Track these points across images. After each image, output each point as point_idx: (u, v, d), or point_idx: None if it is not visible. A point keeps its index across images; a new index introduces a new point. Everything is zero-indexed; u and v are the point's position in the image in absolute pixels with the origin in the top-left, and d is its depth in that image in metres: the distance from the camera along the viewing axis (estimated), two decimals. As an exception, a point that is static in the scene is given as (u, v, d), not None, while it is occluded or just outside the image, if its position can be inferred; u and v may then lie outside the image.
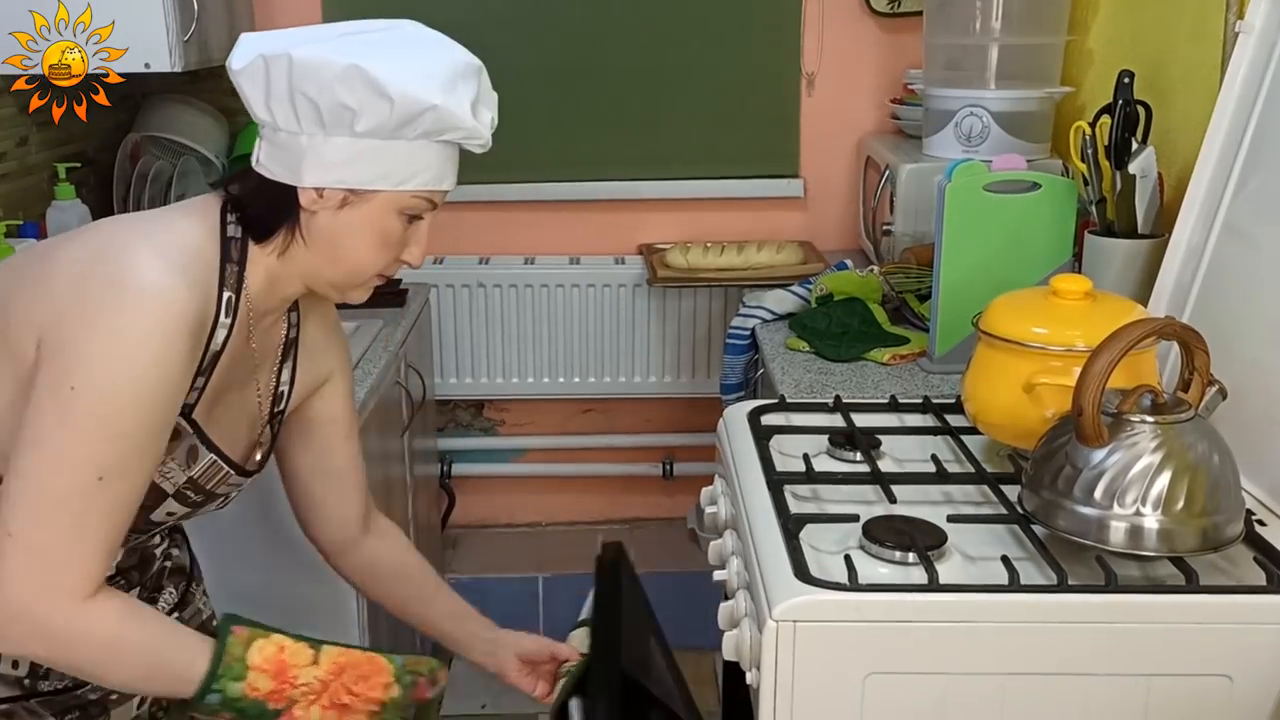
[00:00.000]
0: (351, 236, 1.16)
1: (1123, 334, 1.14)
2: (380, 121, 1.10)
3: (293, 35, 1.15)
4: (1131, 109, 1.67)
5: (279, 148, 1.13)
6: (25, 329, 1.08)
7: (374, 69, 1.08)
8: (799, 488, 1.34)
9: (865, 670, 1.08)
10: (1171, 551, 1.11)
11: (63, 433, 1.04)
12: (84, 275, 1.08)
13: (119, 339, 1.05)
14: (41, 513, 1.05)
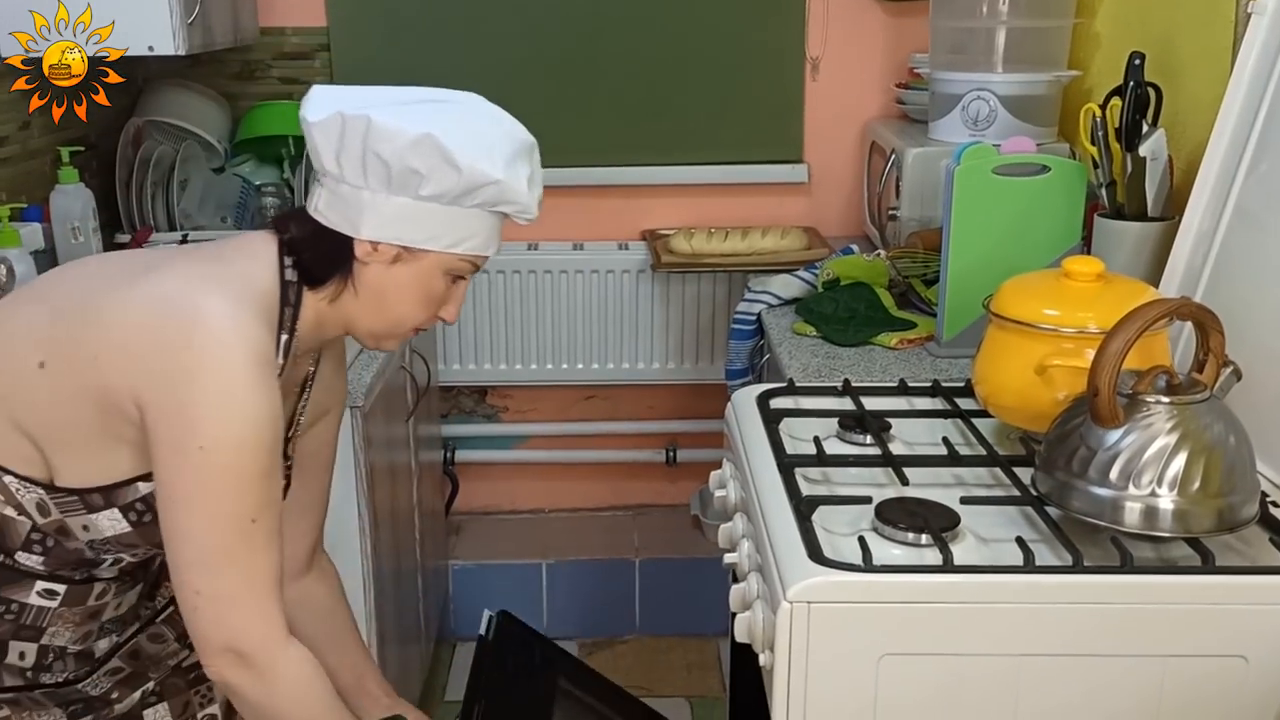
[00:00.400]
0: (399, 291, 1.23)
1: (1139, 314, 1.13)
2: (445, 189, 1.17)
3: (367, 96, 1.20)
4: (1142, 91, 1.66)
5: (339, 199, 1.19)
6: (113, 376, 1.12)
7: (446, 140, 1.15)
8: (810, 470, 1.33)
9: (880, 651, 1.08)
10: (1187, 532, 1.11)
11: (206, 492, 1.11)
12: (170, 336, 1.11)
13: (229, 394, 1.10)
14: (214, 566, 1.12)
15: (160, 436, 1.11)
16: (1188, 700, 1.09)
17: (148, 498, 1.18)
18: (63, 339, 1.15)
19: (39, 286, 1.30)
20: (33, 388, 1.15)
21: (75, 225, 2.00)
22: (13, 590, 1.20)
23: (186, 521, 1.12)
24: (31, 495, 1.17)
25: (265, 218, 2.43)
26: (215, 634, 1.13)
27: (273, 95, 2.62)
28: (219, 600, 1.13)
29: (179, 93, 2.51)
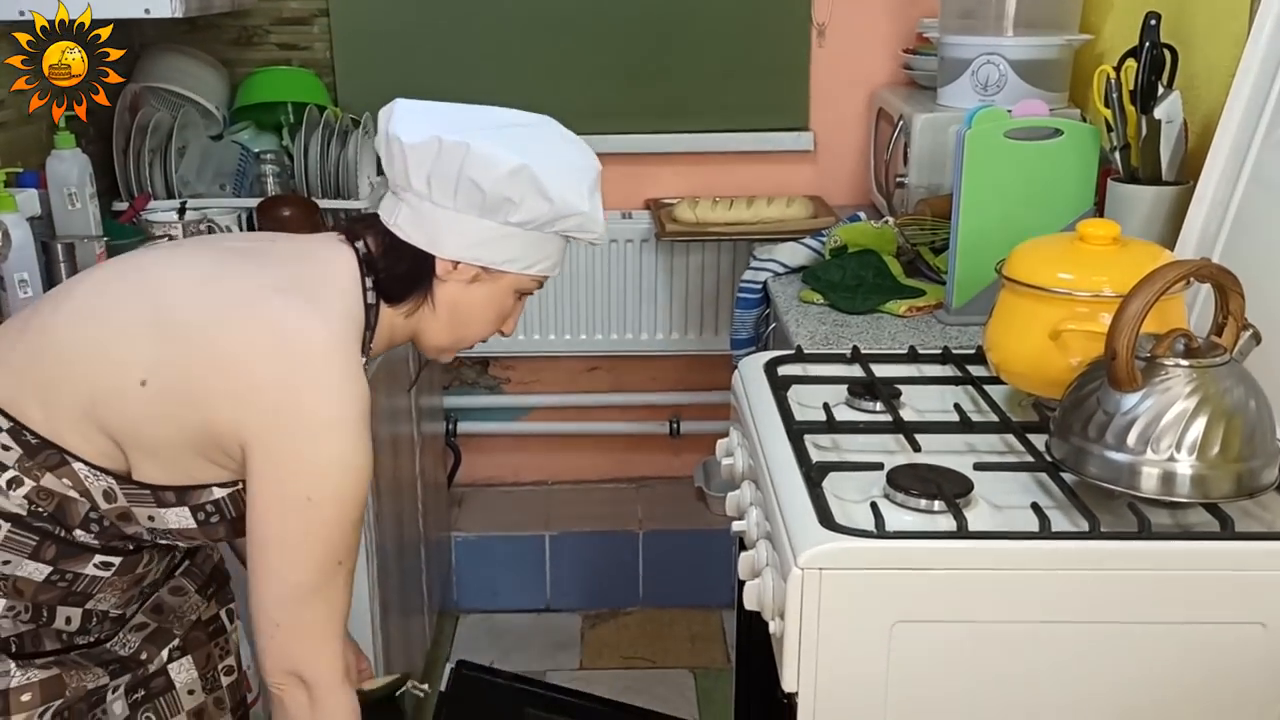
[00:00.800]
0: (475, 309, 1.27)
1: (1158, 275, 1.11)
2: (533, 217, 1.21)
3: (453, 117, 1.23)
4: (1158, 52, 1.63)
5: (422, 216, 1.22)
6: (223, 413, 1.13)
7: (540, 172, 1.19)
8: (819, 437, 1.31)
9: (892, 619, 1.06)
10: (1206, 498, 1.09)
11: (305, 539, 1.14)
12: (290, 389, 1.12)
13: (344, 451, 1.13)
14: (298, 603, 1.15)
15: (267, 482, 1.13)
16: (1205, 668, 1.08)
17: (220, 501, 1.20)
18: (170, 363, 1.14)
19: (138, 274, 1.23)
20: (130, 402, 1.14)
21: (72, 191, 1.96)
22: (71, 563, 1.20)
23: (278, 562, 1.15)
24: (100, 483, 1.17)
25: (264, 185, 2.40)
26: (284, 661, 1.17)
27: (271, 61, 2.58)
28: (295, 632, 1.16)
29: (176, 59, 2.47)
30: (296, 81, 2.52)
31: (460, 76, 2.63)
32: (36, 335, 1.19)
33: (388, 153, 1.22)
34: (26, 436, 1.15)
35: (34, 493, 1.16)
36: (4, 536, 1.15)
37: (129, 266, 1.25)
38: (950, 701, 1.09)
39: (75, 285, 1.25)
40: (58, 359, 1.17)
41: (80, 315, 1.19)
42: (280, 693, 1.19)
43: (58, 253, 1.90)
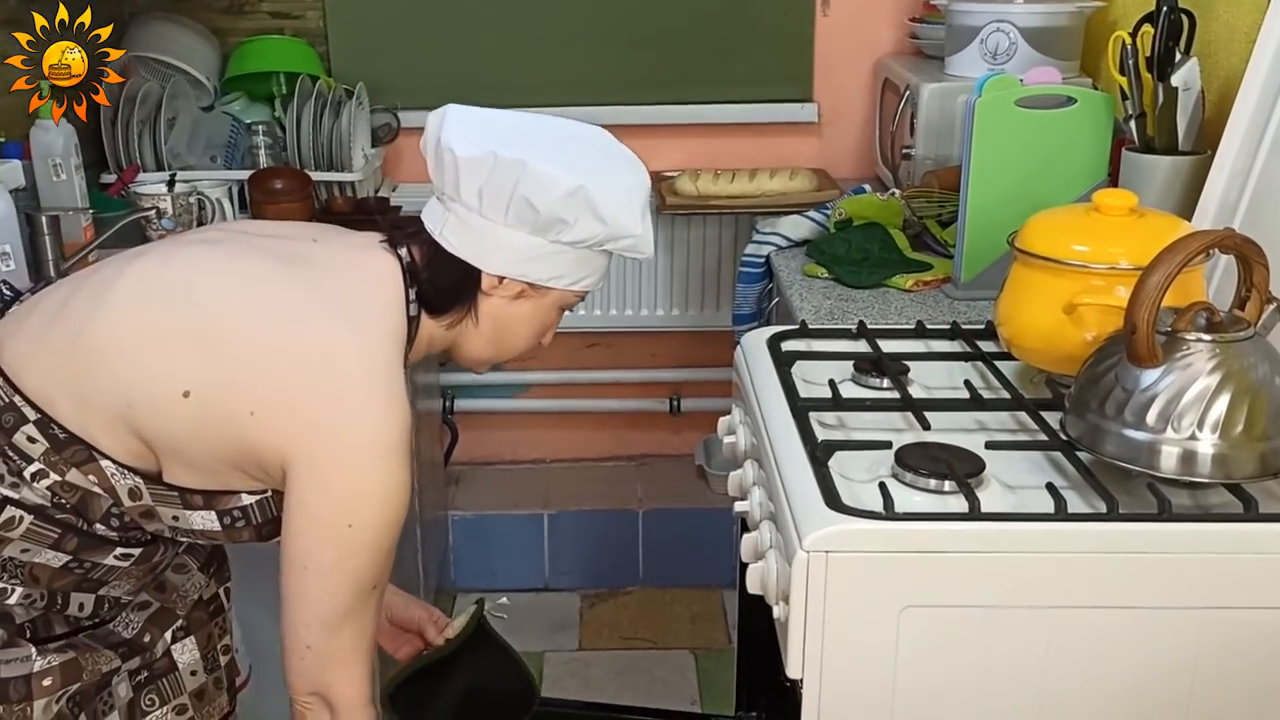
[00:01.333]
0: (519, 325, 1.25)
1: (1180, 245, 1.06)
2: (585, 237, 1.19)
3: (511, 130, 1.20)
4: (1176, 17, 1.57)
5: (470, 229, 1.19)
6: (267, 435, 1.10)
7: (596, 194, 1.16)
8: (825, 415, 1.27)
9: (901, 603, 1.02)
10: (1228, 478, 1.05)
11: (342, 564, 1.12)
12: (338, 414, 1.10)
13: (387, 479, 1.11)
14: (331, 627, 1.14)
15: (306, 505, 1.11)
16: (1226, 654, 1.03)
17: (248, 508, 1.18)
18: (214, 377, 1.11)
19: (180, 282, 1.18)
20: (170, 411, 1.12)
21: (57, 162, 1.92)
22: (91, 554, 1.18)
23: (314, 586, 1.13)
24: (127, 481, 1.14)
25: (256, 157, 2.35)
26: (311, 683, 1.17)
27: (262, 30, 2.52)
28: (326, 657, 1.15)
29: (166, 27, 2.42)
30: (289, 51, 2.47)
31: (456, 46, 2.58)
32: (71, 335, 1.15)
33: (438, 161, 1.19)
34: (54, 430, 1.12)
35: (58, 486, 1.13)
36: (26, 528, 1.13)
37: (168, 270, 1.19)
38: (960, 689, 1.05)
39: (113, 281, 1.17)
40: (95, 364, 1.13)
41: (120, 322, 1.14)
42: (304, 711, 1.19)
43: (42, 225, 1.85)
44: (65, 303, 1.18)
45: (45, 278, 1.87)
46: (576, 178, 1.15)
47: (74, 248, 1.93)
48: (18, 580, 1.16)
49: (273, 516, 1.18)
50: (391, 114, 2.53)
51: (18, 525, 1.13)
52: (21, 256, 1.76)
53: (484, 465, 2.91)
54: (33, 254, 1.84)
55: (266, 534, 1.20)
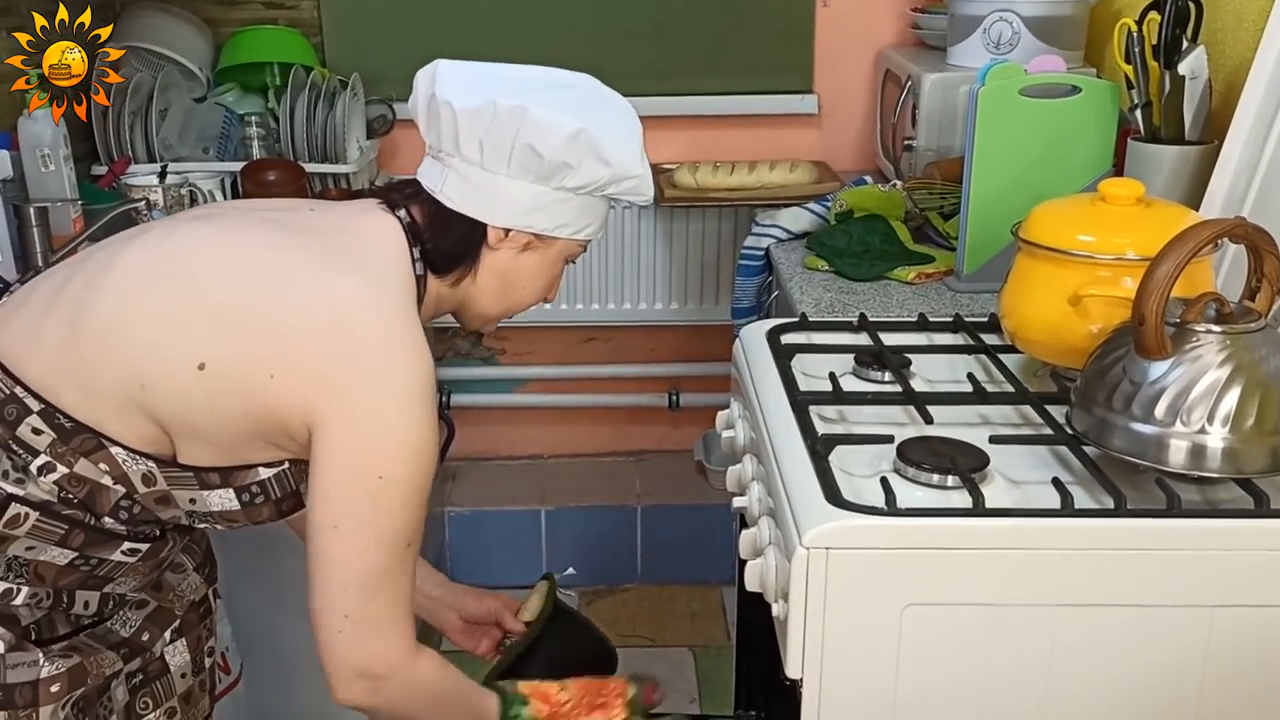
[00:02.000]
0: (527, 278, 1.24)
1: (1189, 235, 1.04)
2: (589, 181, 1.18)
3: (503, 79, 1.19)
4: (1183, 3, 1.54)
5: (471, 184, 1.17)
6: (290, 395, 1.08)
7: (599, 136, 1.15)
8: (825, 409, 1.24)
9: (903, 601, 1.00)
10: (1238, 473, 1.02)
11: (375, 519, 1.09)
12: (358, 364, 1.08)
13: (414, 427, 1.09)
14: (368, 590, 1.10)
15: (335, 463, 1.08)
16: (1236, 652, 1.01)
17: (266, 482, 1.15)
18: (229, 346, 1.09)
19: (181, 253, 1.15)
20: (185, 387, 1.09)
21: (45, 153, 1.89)
22: (98, 550, 1.16)
23: (347, 548, 1.09)
24: (140, 467, 1.12)
25: (249, 149, 2.32)
26: (354, 658, 1.12)
27: (256, 20, 2.49)
28: (366, 624, 1.11)
29: (158, 17, 2.39)
30: (282, 41, 2.44)
31: (452, 37, 2.55)
32: (71, 322, 1.12)
33: (432, 116, 1.18)
34: (60, 420, 1.09)
35: (65, 479, 1.10)
36: (32, 525, 1.11)
37: (166, 247, 1.16)
38: (964, 688, 1.03)
39: (110, 263, 1.15)
40: (100, 347, 1.10)
41: (122, 304, 1.11)
42: (359, 704, 1.14)
43: (30, 216, 1.82)
44: (61, 289, 1.15)
45: (34, 269, 1.85)
46: (578, 121, 1.15)
47: (63, 239, 1.90)
48: (23, 579, 1.14)
49: (292, 490, 1.16)
50: (386, 105, 2.51)
51: (23, 522, 1.10)
52: (9, 248, 1.73)
53: (481, 460, 2.88)
54: (21, 246, 1.81)
55: (287, 509, 1.17)
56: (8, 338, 1.13)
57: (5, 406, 1.09)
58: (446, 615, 1.45)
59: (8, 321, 1.15)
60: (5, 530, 1.10)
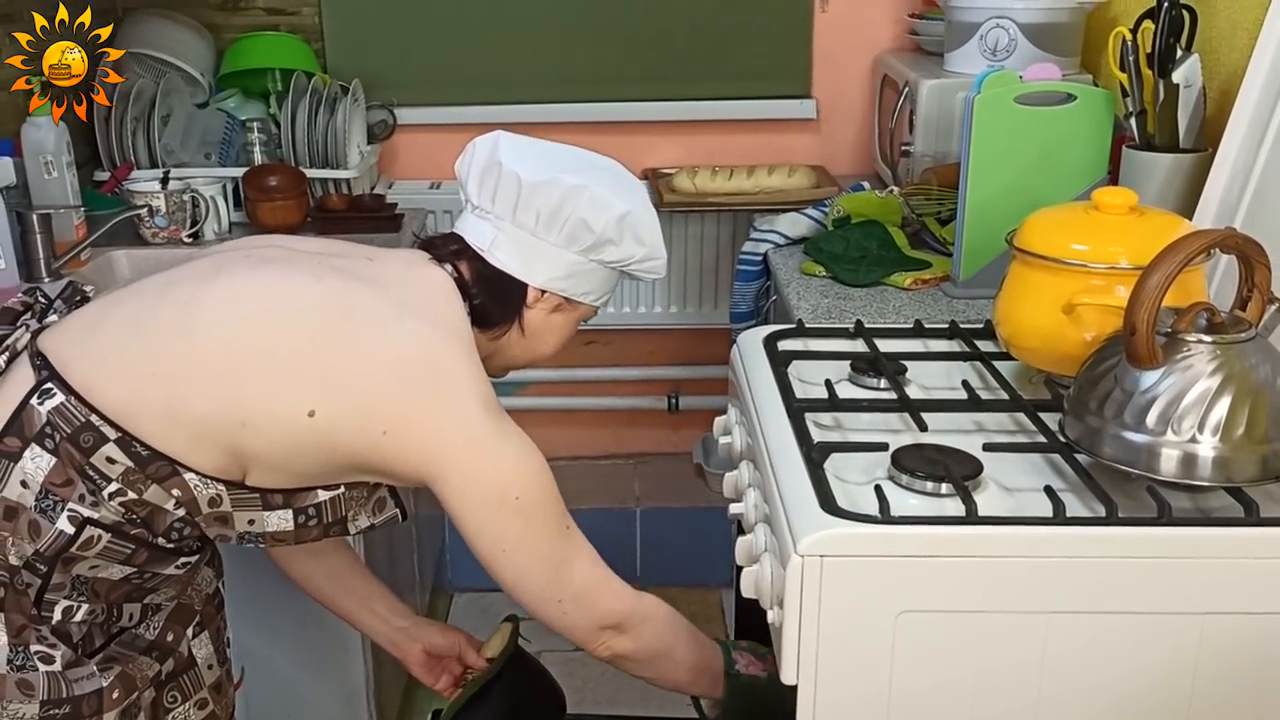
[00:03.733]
0: (552, 335, 1.34)
1: (1180, 246, 1.05)
2: (624, 257, 1.29)
3: (555, 157, 1.29)
4: (1177, 12, 1.56)
5: (519, 246, 1.27)
6: (402, 449, 1.15)
7: (640, 219, 1.28)
8: (821, 416, 1.25)
9: (898, 608, 1.01)
10: (1229, 481, 1.03)
11: (530, 528, 1.19)
12: (445, 403, 1.16)
13: (518, 445, 1.19)
14: (562, 576, 1.21)
15: (471, 506, 1.16)
16: (1226, 660, 1.02)
17: (323, 504, 1.20)
18: (338, 398, 1.14)
19: (266, 296, 1.18)
20: (291, 431, 1.14)
21: (48, 160, 1.91)
22: (157, 565, 1.20)
23: (522, 559, 1.19)
24: (209, 491, 1.15)
25: (250, 154, 2.34)
26: (588, 622, 1.23)
27: (258, 27, 2.51)
28: (579, 598, 1.22)
29: (160, 23, 2.40)
30: (284, 47, 2.45)
31: (452, 42, 2.56)
32: (166, 355, 1.14)
33: (495, 183, 1.26)
34: (137, 449, 1.12)
35: (133, 503, 1.13)
36: (104, 546, 1.14)
37: (257, 290, 1.19)
38: (957, 695, 1.04)
39: (199, 300, 1.17)
40: (202, 385, 1.13)
41: (226, 344, 1.14)
42: (613, 651, 1.25)
43: (33, 223, 1.84)
44: (141, 321, 1.17)
45: (38, 279, 1.86)
46: (626, 204, 1.26)
47: (65, 246, 1.92)
48: (84, 597, 1.17)
49: (341, 517, 1.22)
50: (387, 110, 2.52)
51: (96, 544, 1.13)
52: (12, 255, 1.75)
53: (481, 463, 2.89)
54: (24, 252, 1.83)
55: (333, 533, 1.23)
56: (83, 365, 1.14)
57: (81, 434, 1.11)
58: (411, 647, 1.48)
59: (79, 348, 1.16)
60: (78, 552, 1.13)
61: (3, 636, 1.13)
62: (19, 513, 1.11)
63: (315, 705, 1.89)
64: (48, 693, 1.15)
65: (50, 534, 1.12)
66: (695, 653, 1.33)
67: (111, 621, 1.22)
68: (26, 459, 1.11)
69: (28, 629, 1.14)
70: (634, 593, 1.26)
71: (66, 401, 1.11)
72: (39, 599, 1.14)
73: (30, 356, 1.15)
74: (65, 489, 1.11)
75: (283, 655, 1.81)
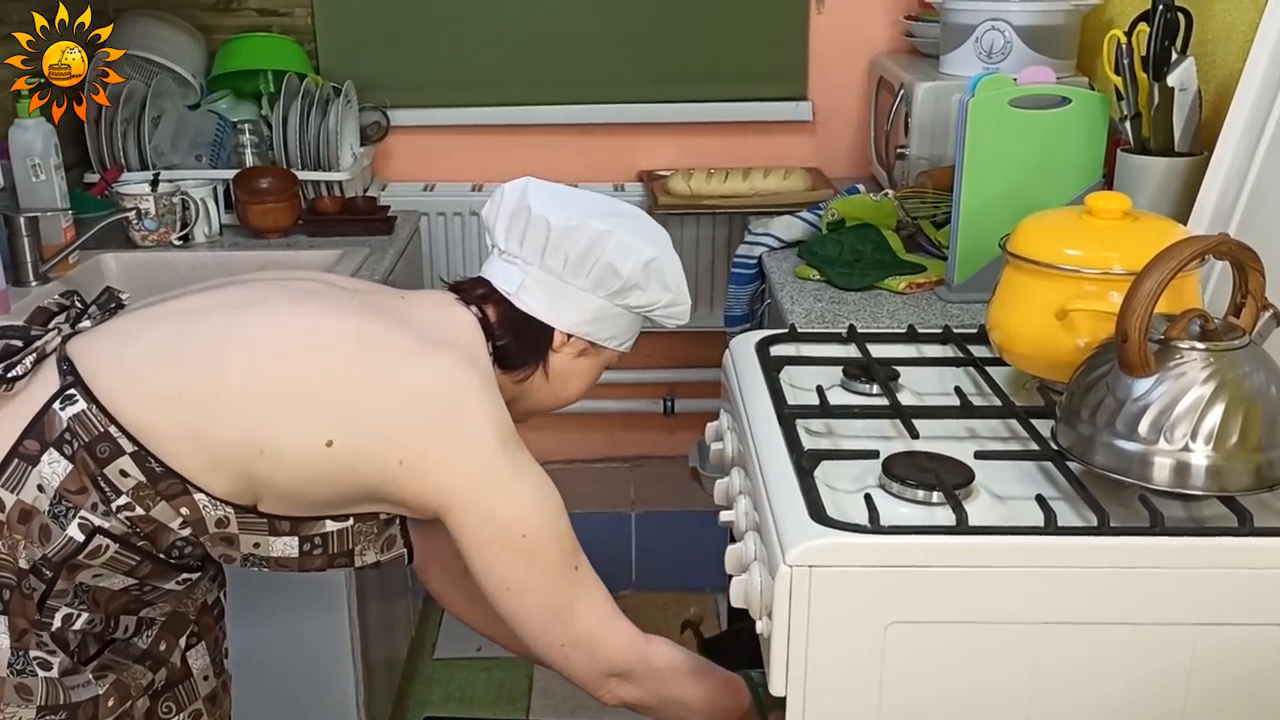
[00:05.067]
0: (578, 379, 1.34)
1: (1173, 252, 1.04)
2: (649, 303, 1.30)
3: (582, 203, 1.30)
4: (1172, 15, 1.54)
5: (546, 290, 1.28)
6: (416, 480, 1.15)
7: (665, 265, 1.29)
8: (812, 422, 1.24)
9: (887, 619, 1.00)
10: (1222, 490, 1.02)
11: (535, 569, 1.18)
12: (463, 439, 1.16)
13: (534, 482, 1.19)
14: (565, 620, 1.21)
15: (479, 542, 1.17)
16: (1220, 671, 1.01)
17: (329, 534, 1.20)
18: (357, 429, 1.14)
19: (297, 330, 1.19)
20: (308, 460, 1.14)
21: (36, 162, 1.89)
22: (159, 579, 1.21)
23: (526, 600, 1.19)
24: (217, 512, 1.15)
25: (242, 156, 2.32)
26: (593, 670, 1.23)
27: (250, 27, 2.50)
28: (582, 644, 1.22)
29: (151, 24, 2.39)
30: (276, 49, 2.44)
31: (446, 44, 2.55)
32: (193, 379, 1.15)
33: (523, 227, 1.27)
34: (152, 465, 1.12)
35: (139, 519, 1.13)
36: (110, 556, 1.14)
37: (291, 324, 1.19)
38: (948, 706, 1.03)
39: (230, 334, 1.17)
40: (225, 410, 1.14)
41: (259, 378, 1.15)
42: (620, 699, 1.25)
43: (20, 226, 1.83)
44: (175, 343, 1.18)
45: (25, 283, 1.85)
46: (653, 249, 1.27)
47: (54, 249, 1.90)
48: (85, 606, 1.17)
49: (347, 550, 1.22)
50: (380, 112, 2.51)
51: (104, 553, 1.14)
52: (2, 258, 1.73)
53: (475, 467, 2.88)
54: (11, 255, 1.82)
55: (337, 564, 1.23)
56: (109, 377, 1.14)
57: (99, 444, 1.11)
58: None
59: (108, 359, 1.16)
60: (85, 559, 1.13)
61: (5, 639, 1.13)
62: (33, 516, 1.12)
63: (305, 713, 1.88)
64: (45, 698, 1.14)
65: (60, 540, 1.12)
66: (711, 696, 1.30)
67: (107, 631, 1.22)
68: (44, 463, 1.11)
69: (29, 633, 1.14)
70: (642, 640, 1.25)
71: (88, 410, 1.12)
72: (41, 604, 1.14)
73: (58, 360, 1.16)
74: (79, 496, 1.11)
75: (272, 663, 1.79)
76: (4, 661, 1.13)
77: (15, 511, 1.11)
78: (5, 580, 1.12)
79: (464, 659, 2.51)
